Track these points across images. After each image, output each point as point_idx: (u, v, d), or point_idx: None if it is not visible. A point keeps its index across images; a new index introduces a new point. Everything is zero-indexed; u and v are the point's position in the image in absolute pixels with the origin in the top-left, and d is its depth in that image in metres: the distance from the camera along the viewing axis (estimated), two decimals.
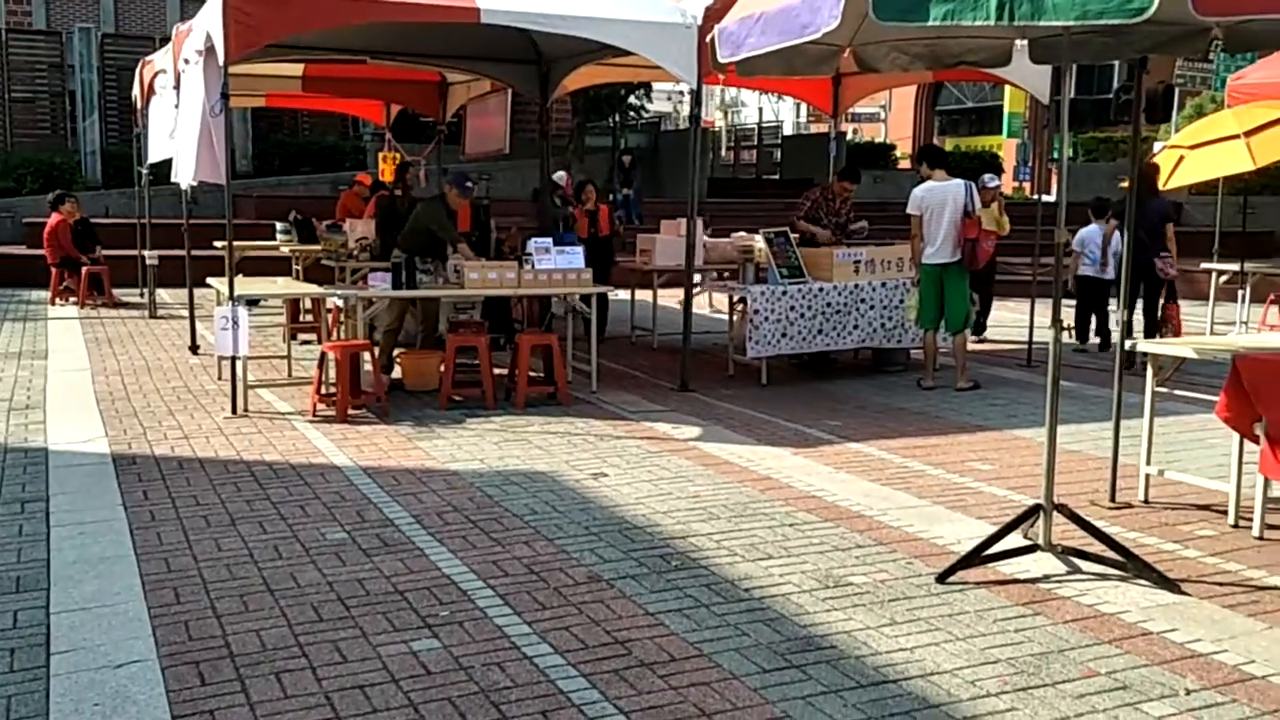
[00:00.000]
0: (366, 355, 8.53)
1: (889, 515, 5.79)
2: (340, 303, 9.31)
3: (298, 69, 12.61)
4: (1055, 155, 26.58)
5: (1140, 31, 4.98)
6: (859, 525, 5.62)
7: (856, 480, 6.48)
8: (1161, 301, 10.86)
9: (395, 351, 9.52)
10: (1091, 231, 11.79)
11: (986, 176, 11.60)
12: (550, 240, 8.97)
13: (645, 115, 30.47)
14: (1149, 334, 10.50)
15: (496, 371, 8.79)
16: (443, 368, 8.48)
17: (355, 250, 10.71)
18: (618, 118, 28.22)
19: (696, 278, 10.15)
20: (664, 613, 4.44)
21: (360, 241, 10.82)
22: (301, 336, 11.28)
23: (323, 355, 8.24)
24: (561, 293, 8.89)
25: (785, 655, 4.05)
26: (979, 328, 11.95)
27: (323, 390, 8.09)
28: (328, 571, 4.89)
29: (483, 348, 8.41)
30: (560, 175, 14.24)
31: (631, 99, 27.71)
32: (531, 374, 8.69)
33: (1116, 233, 11.45)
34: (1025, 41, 5.51)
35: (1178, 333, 10.95)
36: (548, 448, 7.16)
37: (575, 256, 8.76)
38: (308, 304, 11.38)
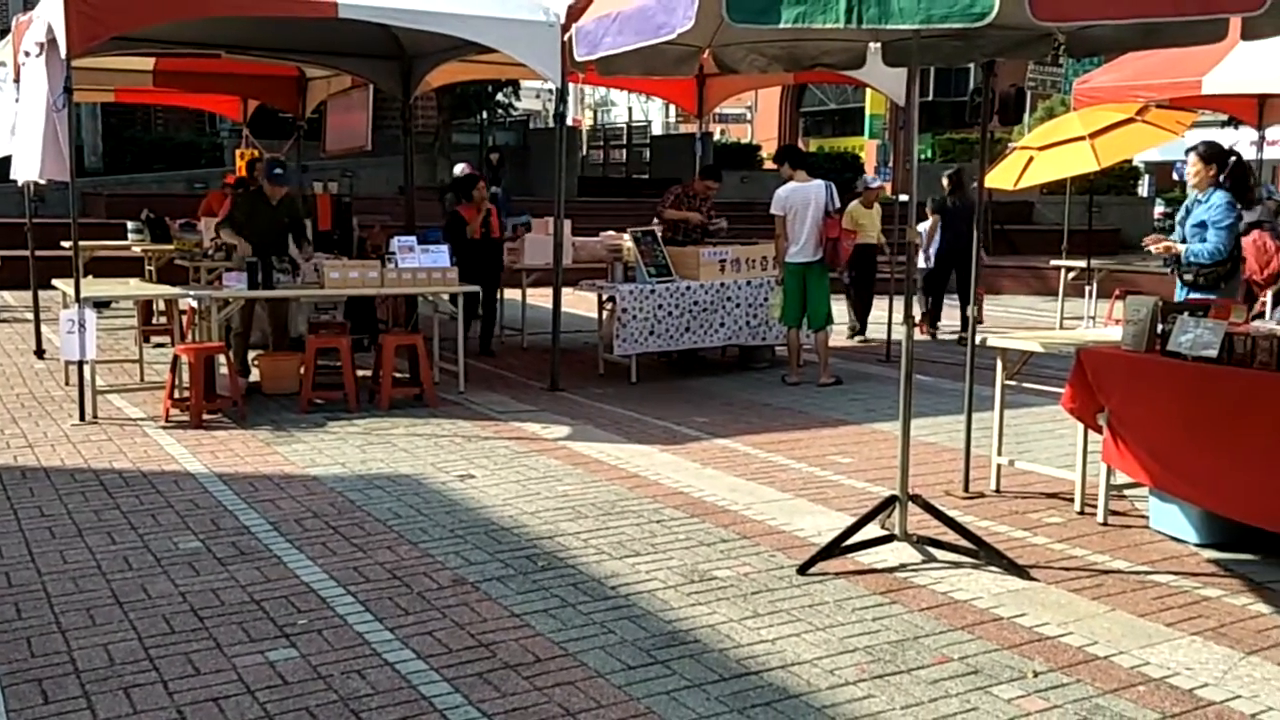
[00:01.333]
0: (222, 358, 8.28)
1: (753, 509, 5.87)
2: (195, 304, 9.02)
3: (148, 63, 12.16)
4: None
5: (987, 36, 5.16)
6: (724, 520, 5.68)
7: (723, 475, 6.55)
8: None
9: (253, 354, 9.27)
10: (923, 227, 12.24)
11: (869, 177, 11.86)
12: (414, 239, 8.85)
13: (514, 113, 30.30)
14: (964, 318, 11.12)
15: (360, 373, 8.64)
16: (303, 370, 8.28)
17: (211, 250, 10.38)
18: (485, 115, 27.98)
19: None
20: (530, 614, 4.42)
21: (216, 240, 10.48)
22: (154, 339, 10.89)
23: (176, 358, 7.97)
24: (427, 292, 8.78)
25: (650, 651, 4.07)
26: (859, 329, 12.15)
27: (176, 395, 7.83)
28: (180, 582, 4.73)
29: (344, 349, 8.24)
30: (461, 168, 14.08)
31: (500, 96, 27.52)
32: (397, 375, 8.56)
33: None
34: (878, 45, 5.66)
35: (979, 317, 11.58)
36: (413, 450, 7.06)
37: (440, 255, 8.65)
38: (161, 305, 11.00)
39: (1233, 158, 7.06)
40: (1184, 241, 7.10)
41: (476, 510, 5.80)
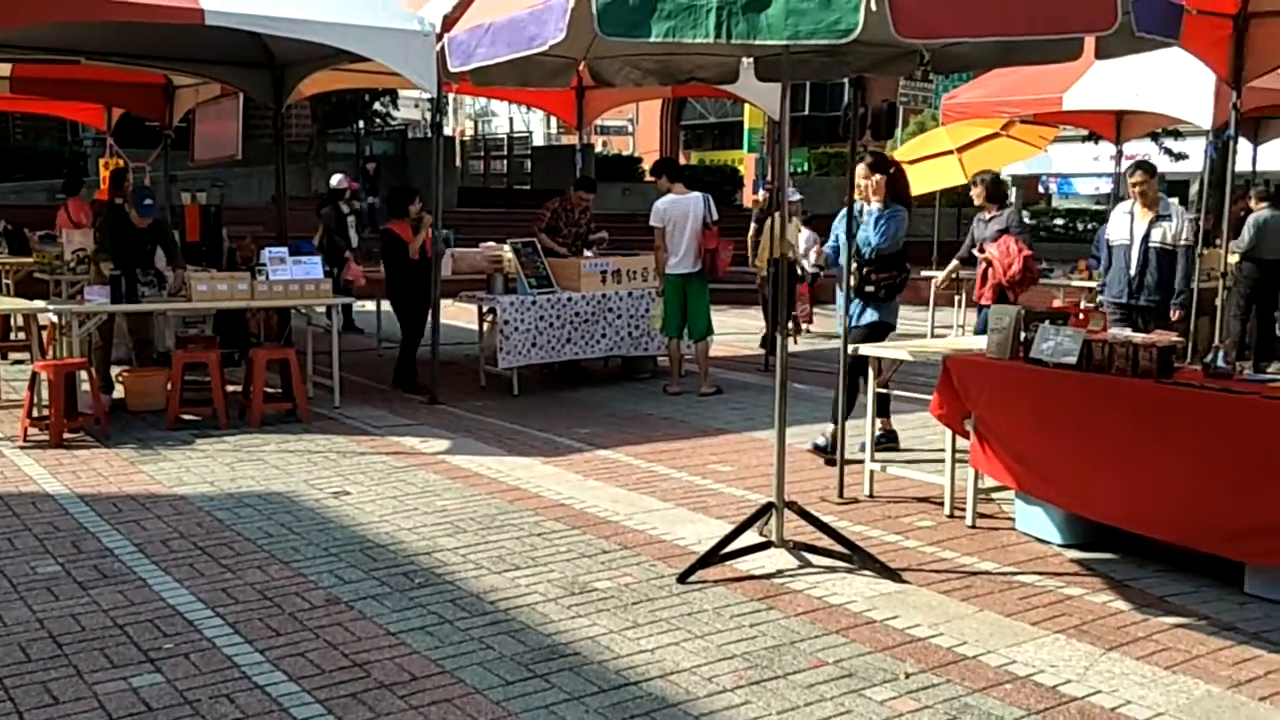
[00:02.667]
0: (84, 374, 7.96)
1: (634, 519, 5.89)
2: (55, 319, 8.67)
3: (5, 69, 11.66)
4: (791, 170, 27.78)
5: (855, 52, 5.28)
6: (605, 531, 5.68)
7: (605, 486, 6.55)
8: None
9: (118, 370, 8.95)
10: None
11: (791, 190, 11.93)
12: (286, 250, 8.65)
13: (392, 122, 29.92)
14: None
15: (231, 388, 8.41)
16: (170, 386, 8.03)
17: (73, 262, 9.99)
18: (362, 124, 27.57)
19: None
20: (406, 631, 4.35)
21: (78, 253, 10.11)
22: (12, 355, 10.43)
23: (34, 375, 7.64)
24: (299, 305, 8.59)
25: (529, 666, 4.05)
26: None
27: (35, 413, 7.51)
28: (38, 608, 4.53)
29: (213, 363, 8.01)
30: (338, 179, 13.83)
31: (377, 106, 27.15)
32: (269, 390, 8.36)
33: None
34: (751, 60, 5.74)
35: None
36: (285, 467, 6.89)
37: (313, 267, 8.48)
38: (19, 320, 10.54)
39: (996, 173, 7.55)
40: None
41: (351, 527, 5.68)
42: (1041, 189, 39.79)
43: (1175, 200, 7.95)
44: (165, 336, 9.27)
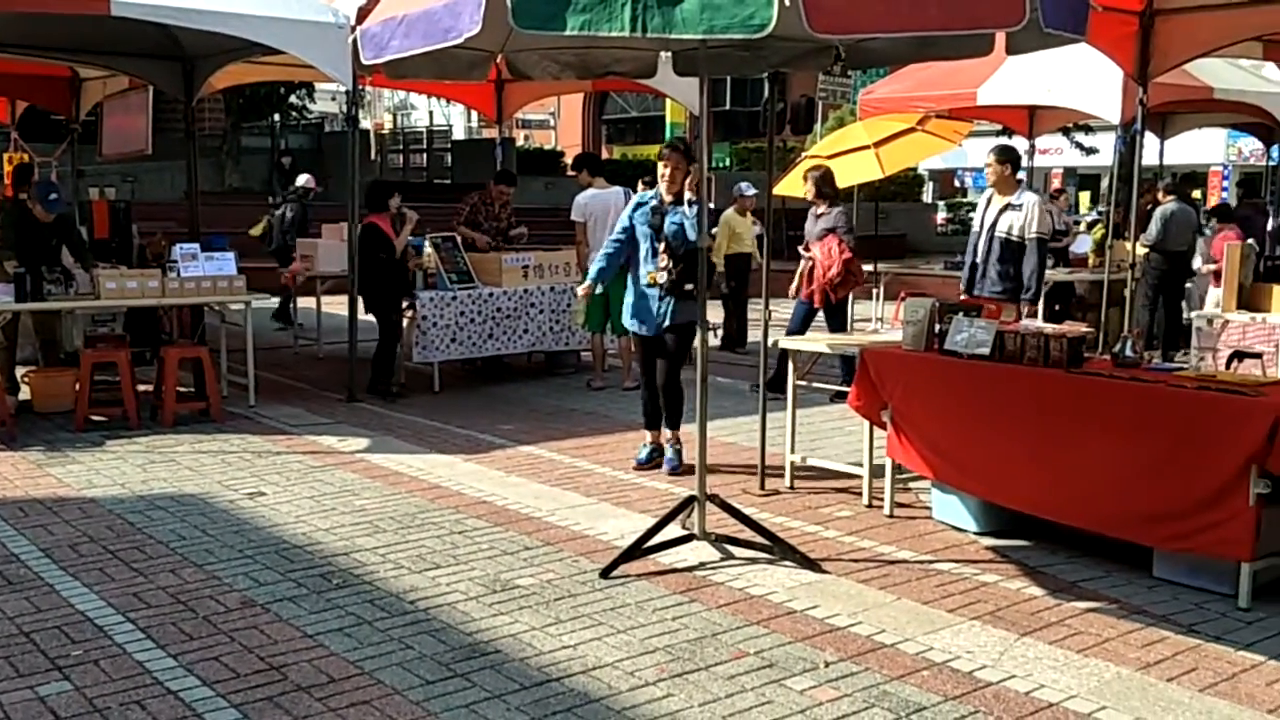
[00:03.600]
0: None
1: (557, 515, 5.86)
2: None
3: None
4: (713, 165, 27.89)
5: (771, 47, 5.31)
6: (528, 527, 5.65)
7: (527, 483, 6.52)
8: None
9: (23, 371, 8.68)
10: None
11: (744, 185, 11.94)
12: (198, 246, 8.47)
13: (308, 116, 29.44)
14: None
15: (142, 388, 8.21)
16: (78, 386, 7.81)
17: None
18: (278, 118, 27.09)
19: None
20: (324, 633, 4.28)
21: None
22: None
23: None
24: (212, 302, 8.42)
25: (450, 665, 4.01)
26: (738, 340, 12.08)
27: None
28: None
29: (123, 363, 7.81)
30: (306, 178, 13.64)
31: (293, 99, 26.69)
32: (181, 389, 8.17)
33: None
34: (669, 54, 5.74)
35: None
36: (199, 468, 6.75)
37: (226, 263, 8.31)
38: None
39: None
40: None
41: (267, 529, 5.58)
42: (957, 183, 40.59)
43: (1033, 191, 7.74)
44: (73, 336, 9.01)
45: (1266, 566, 4.65)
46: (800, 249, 9.06)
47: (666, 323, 6.48)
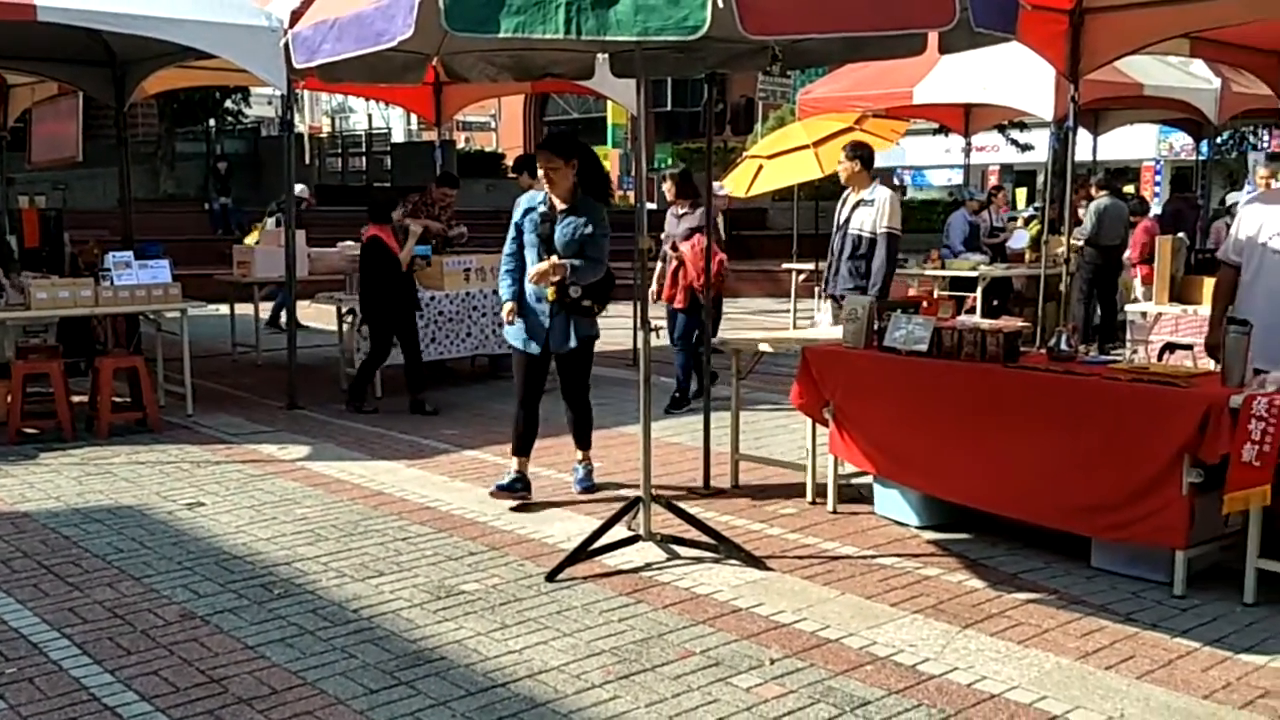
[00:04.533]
0: None
1: (502, 520, 5.84)
2: None
3: None
4: (654, 165, 27.93)
5: (708, 48, 5.34)
6: (472, 533, 5.62)
7: (471, 488, 6.48)
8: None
9: None
10: None
11: (717, 184, 11.96)
12: (131, 254, 8.32)
13: (244, 120, 29.06)
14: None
15: (77, 399, 8.05)
16: (9, 398, 7.64)
17: None
18: (213, 123, 26.71)
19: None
20: (265, 644, 4.23)
21: None
22: None
23: None
24: (147, 310, 8.28)
25: (394, 673, 3.98)
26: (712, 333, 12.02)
27: None
28: None
29: (56, 374, 7.65)
30: (301, 189, 13.40)
31: (228, 103, 26.34)
32: (117, 400, 8.03)
33: None
34: (606, 56, 5.74)
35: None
36: (136, 479, 6.63)
37: (160, 271, 8.17)
38: None
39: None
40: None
41: (206, 540, 5.50)
42: (897, 181, 40.97)
43: (885, 187, 7.65)
44: (4, 346, 8.81)
45: (1200, 554, 4.75)
46: (667, 248, 8.65)
47: (564, 344, 5.95)
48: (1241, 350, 4.62)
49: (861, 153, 7.61)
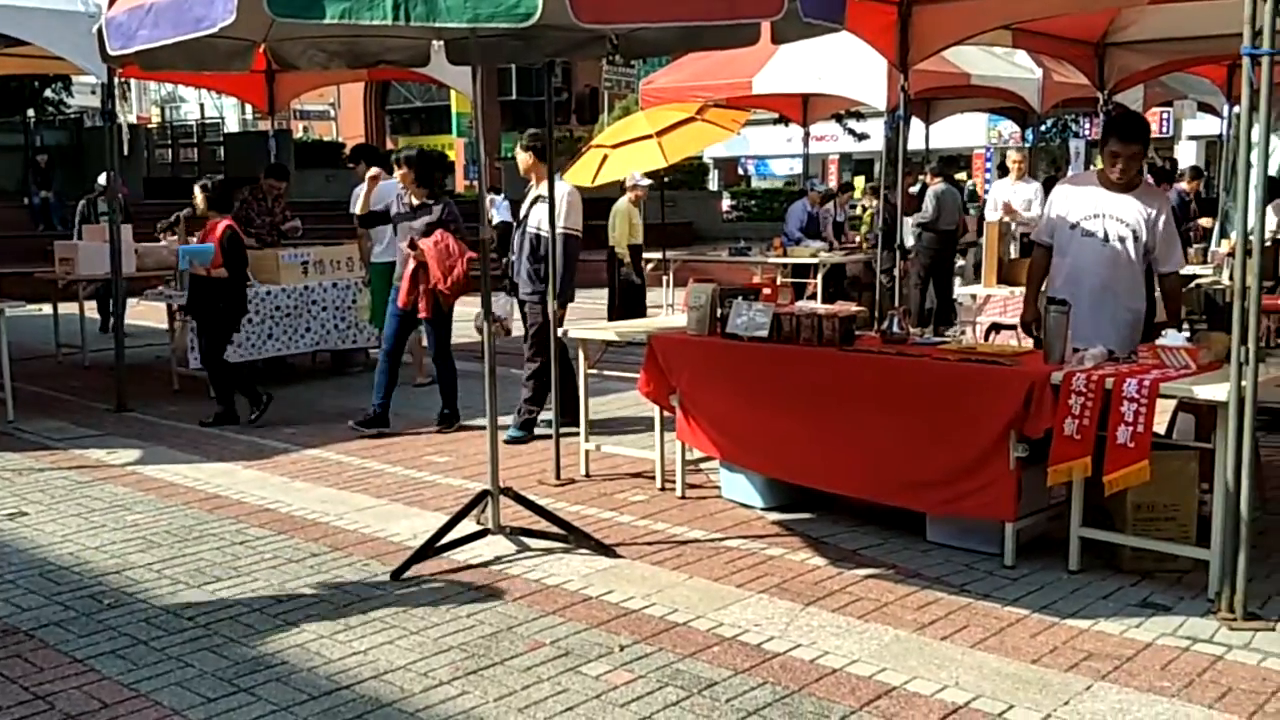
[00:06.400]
0: None
1: (345, 519, 5.71)
2: None
3: None
4: (501, 155, 27.70)
5: (545, 36, 5.30)
6: (314, 533, 5.48)
7: (313, 487, 6.32)
8: None
9: None
10: None
11: (636, 174, 11.85)
12: None
13: (66, 110, 27.65)
14: None
15: None
16: None
17: None
18: (32, 113, 25.33)
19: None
20: (95, 657, 4.04)
21: None
22: None
23: None
24: None
25: (233, 680, 3.85)
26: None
27: None
28: None
29: None
30: (104, 179, 12.53)
31: (48, 92, 25.02)
32: None
33: None
34: (442, 43, 5.65)
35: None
36: None
37: None
38: None
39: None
40: None
41: (30, 551, 5.22)
42: (741, 170, 41.69)
43: (569, 184, 7.33)
44: None
45: (1028, 525, 4.97)
46: (404, 247, 7.39)
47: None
48: (1061, 329, 4.84)
49: (537, 143, 7.01)
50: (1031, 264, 5.76)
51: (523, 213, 7.20)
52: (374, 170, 8.06)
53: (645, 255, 14.26)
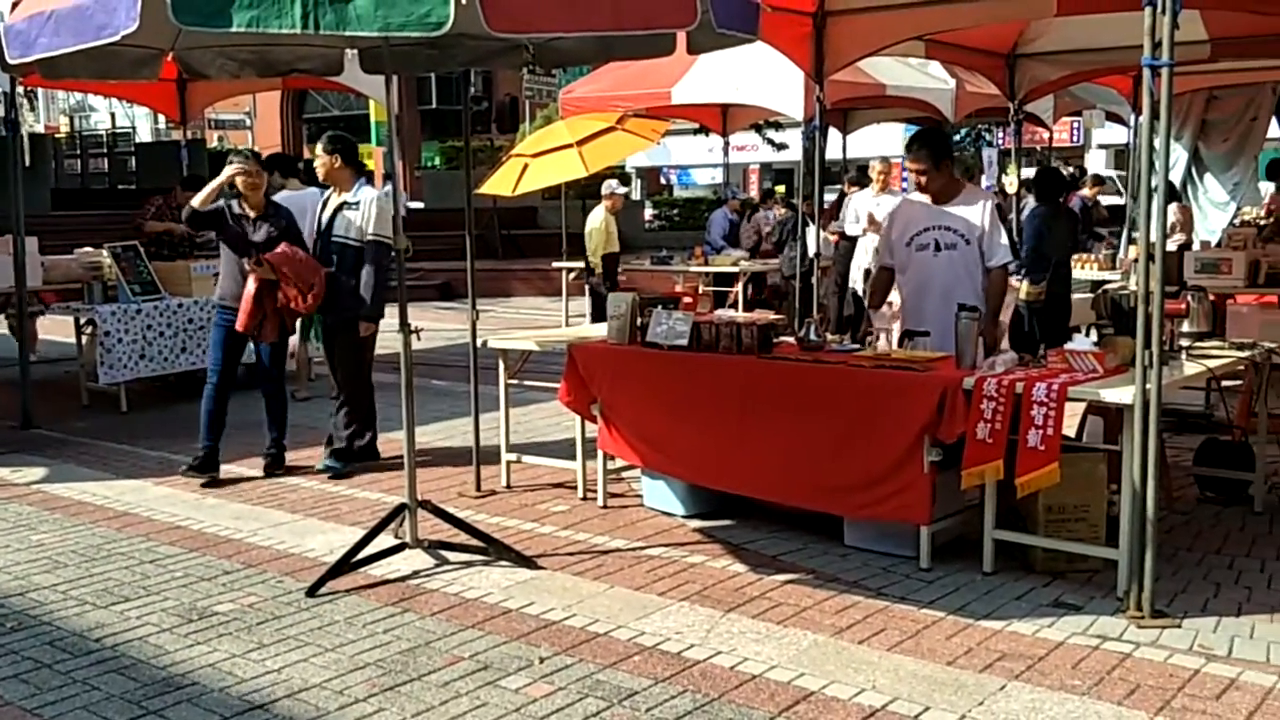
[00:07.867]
0: None
1: (259, 535, 5.60)
2: None
3: None
4: (420, 164, 27.46)
5: (460, 45, 5.28)
6: (227, 550, 5.37)
7: (226, 504, 6.20)
8: None
9: None
10: None
11: (613, 182, 11.83)
12: None
13: None
14: None
15: None
16: None
17: None
18: None
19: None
20: None
21: None
22: None
23: None
24: None
25: (141, 703, 3.75)
26: None
27: None
28: None
29: None
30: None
31: None
32: None
33: None
34: (356, 51, 5.59)
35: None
36: None
37: None
38: None
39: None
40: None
41: None
42: (663, 180, 41.85)
43: (373, 186, 6.83)
44: None
45: (943, 528, 5.04)
46: (248, 265, 6.54)
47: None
48: (972, 335, 4.93)
49: (340, 145, 6.57)
50: (873, 283, 6.10)
51: (324, 220, 6.63)
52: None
53: (568, 265, 14.27)
